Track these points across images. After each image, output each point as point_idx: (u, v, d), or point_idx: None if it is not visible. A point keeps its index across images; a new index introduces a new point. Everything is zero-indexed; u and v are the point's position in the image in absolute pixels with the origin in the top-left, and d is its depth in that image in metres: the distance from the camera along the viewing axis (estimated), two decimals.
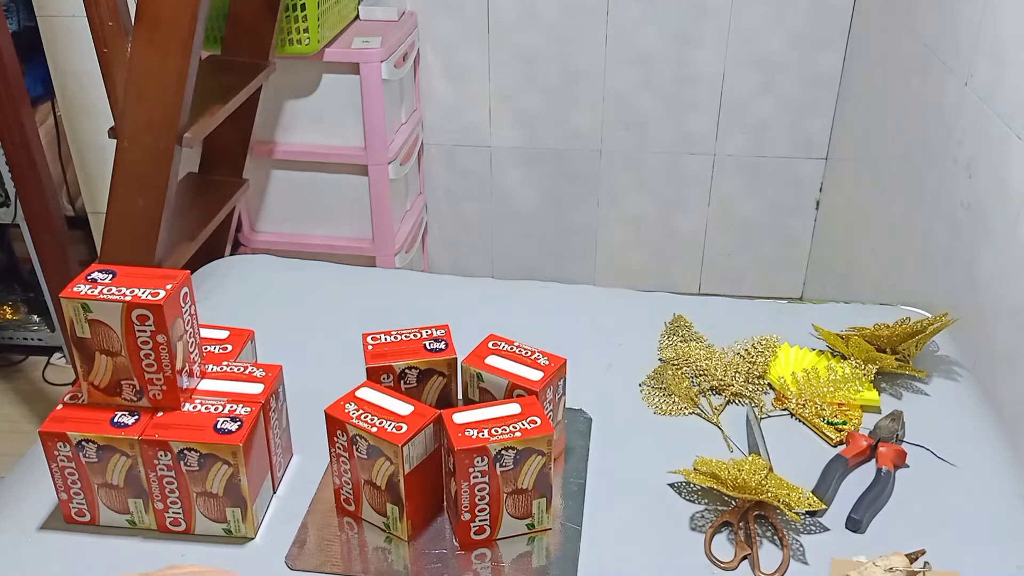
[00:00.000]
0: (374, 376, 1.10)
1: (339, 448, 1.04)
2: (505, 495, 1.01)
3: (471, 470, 0.98)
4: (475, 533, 1.03)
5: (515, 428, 1.00)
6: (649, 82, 2.63)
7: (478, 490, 1.00)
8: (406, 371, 1.11)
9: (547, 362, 1.12)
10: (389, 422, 1.00)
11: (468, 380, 1.12)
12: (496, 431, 0.99)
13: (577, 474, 1.14)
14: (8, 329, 2.66)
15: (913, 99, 1.99)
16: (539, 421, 1.01)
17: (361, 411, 1.02)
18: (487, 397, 1.11)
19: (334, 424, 1.03)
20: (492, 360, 1.12)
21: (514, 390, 1.08)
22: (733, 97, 2.64)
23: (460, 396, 1.16)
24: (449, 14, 2.59)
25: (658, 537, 1.05)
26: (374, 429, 0.99)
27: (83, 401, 1.03)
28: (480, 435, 0.98)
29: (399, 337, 1.15)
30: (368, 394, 1.05)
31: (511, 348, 1.14)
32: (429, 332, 1.16)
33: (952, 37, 1.78)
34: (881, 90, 2.23)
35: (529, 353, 1.13)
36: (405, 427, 1.00)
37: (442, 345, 1.13)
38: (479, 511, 1.01)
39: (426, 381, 1.12)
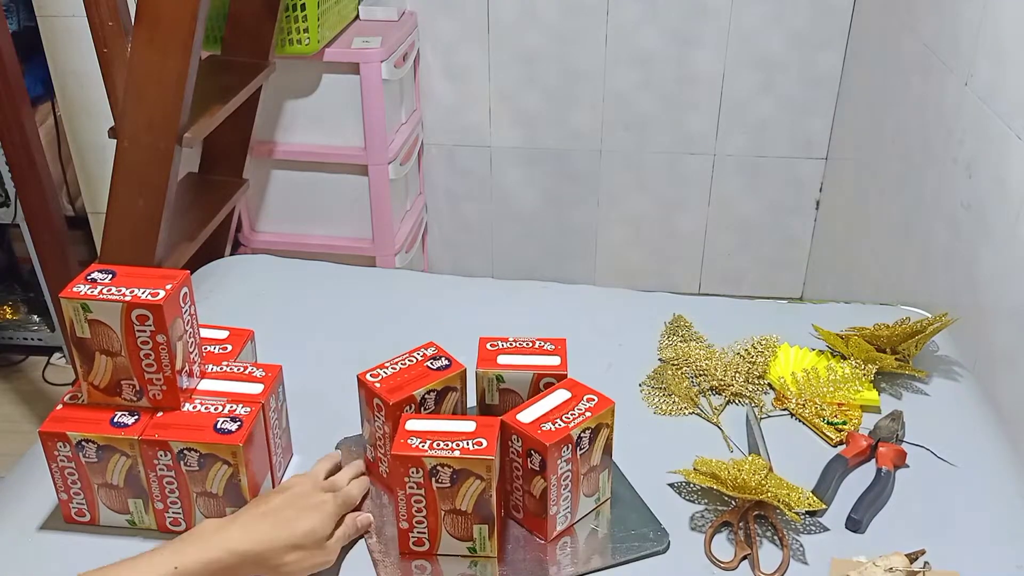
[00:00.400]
0: (397, 410, 1.05)
1: (411, 487, 0.97)
2: (582, 476, 1.03)
3: (559, 461, 0.98)
4: (560, 524, 1.03)
5: (584, 409, 1.01)
6: (649, 82, 2.63)
7: (564, 480, 1.00)
8: (425, 397, 1.07)
9: (553, 347, 1.12)
10: (465, 441, 0.96)
11: (486, 386, 1.11)
12: (568, 417, 1.00)
13: None
14: (8, 329, 2.66)
15: (913, 99, 1.99)
16: (596, 399, 1.03)
17: (431, 441, 0.97)
18: (510, 397, 1.11)
19: (406, 463, 0.96)
20: (504, 359, 1.11)
21: (540, 380, 1.09)
22: (733, 97, 2.64)
23: (475, 403, 1.14)
24: (449, 14, 2.59)
25: None
26: (457, 453, 0.95)
27: (83, 401, 1.03)
28: (558, 426, 0.99)
29: (397, 367, 1.09)
30: (419, 424, 1.00)
31: (512, 344, 1.14)
32: (422, 354, 1.11)
33: (952, 37, 1.78)
34: (881, 90, 2.23)
35: (530, 344, 1.13)
36: (485, 441, 0.97)
37: (445, 361, 1.10)
38: (564, 501, 1.02)
39: (443, 401, 1.09)
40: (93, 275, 1.00)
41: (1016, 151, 1.50)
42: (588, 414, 1.00)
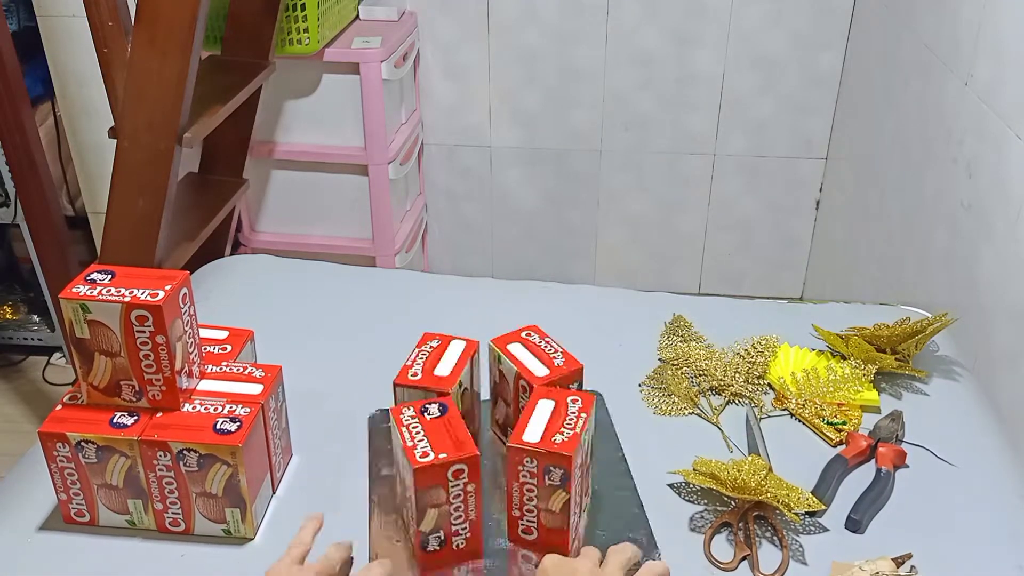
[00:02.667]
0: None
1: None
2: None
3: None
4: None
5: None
6: (649, 82, 2.63)
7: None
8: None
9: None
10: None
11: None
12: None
13: None
14: (8, 329, 2.66)
15: (913, 99, 1.99)
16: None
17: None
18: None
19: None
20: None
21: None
22: (733, 97, 2.64)
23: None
24: (449, 14, 2.59)
25: (658, 537, 1.04)
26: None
27: (82, 402, 1.03)
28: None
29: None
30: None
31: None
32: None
33: (952, 37, 1.78)
34: (881, 90, 2.23)
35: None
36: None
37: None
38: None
39: None
40: (92, 276, 1.00)
41: (1016, 151, 1.50)
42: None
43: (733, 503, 1.07)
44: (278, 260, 1.66)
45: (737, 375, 1.28)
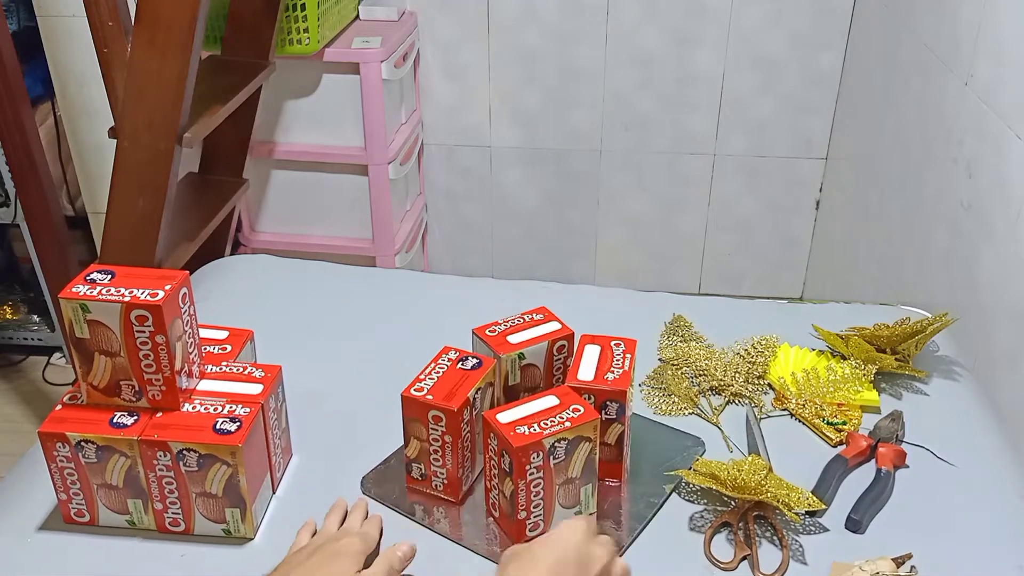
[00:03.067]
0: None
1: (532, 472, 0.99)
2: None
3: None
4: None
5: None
6: (649, 82, 2.63)
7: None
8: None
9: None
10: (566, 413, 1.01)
11: (509, 368, 1.12)
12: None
13: None
14: (8, 329, 2.66)
15: (913, 99, 1.99)
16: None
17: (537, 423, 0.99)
18: (530, 371, 1.14)
19: (528, 451, 0.97)
20: (515, 338, 1.13)
21: (555, 346, 1.14)
22: (733, 97, 2.64)
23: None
24: (449, 14, 2.59)
25: (657, 537, 1.05)
26: (568, 424, 0.99)
27: (82, 402, 1.03)
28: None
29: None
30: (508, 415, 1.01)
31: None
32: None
33: (952, 37, 1.78)
34: (881, 90, 2.23)
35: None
36: (581, 408, 1.00)
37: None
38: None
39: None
40: (92, 275, 1.00)
41: (1016, 151, 1.50)
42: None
43: (733, 503, 1.07)
44: (278, 260, 1.66)
45: (737, 375, 1.28)
